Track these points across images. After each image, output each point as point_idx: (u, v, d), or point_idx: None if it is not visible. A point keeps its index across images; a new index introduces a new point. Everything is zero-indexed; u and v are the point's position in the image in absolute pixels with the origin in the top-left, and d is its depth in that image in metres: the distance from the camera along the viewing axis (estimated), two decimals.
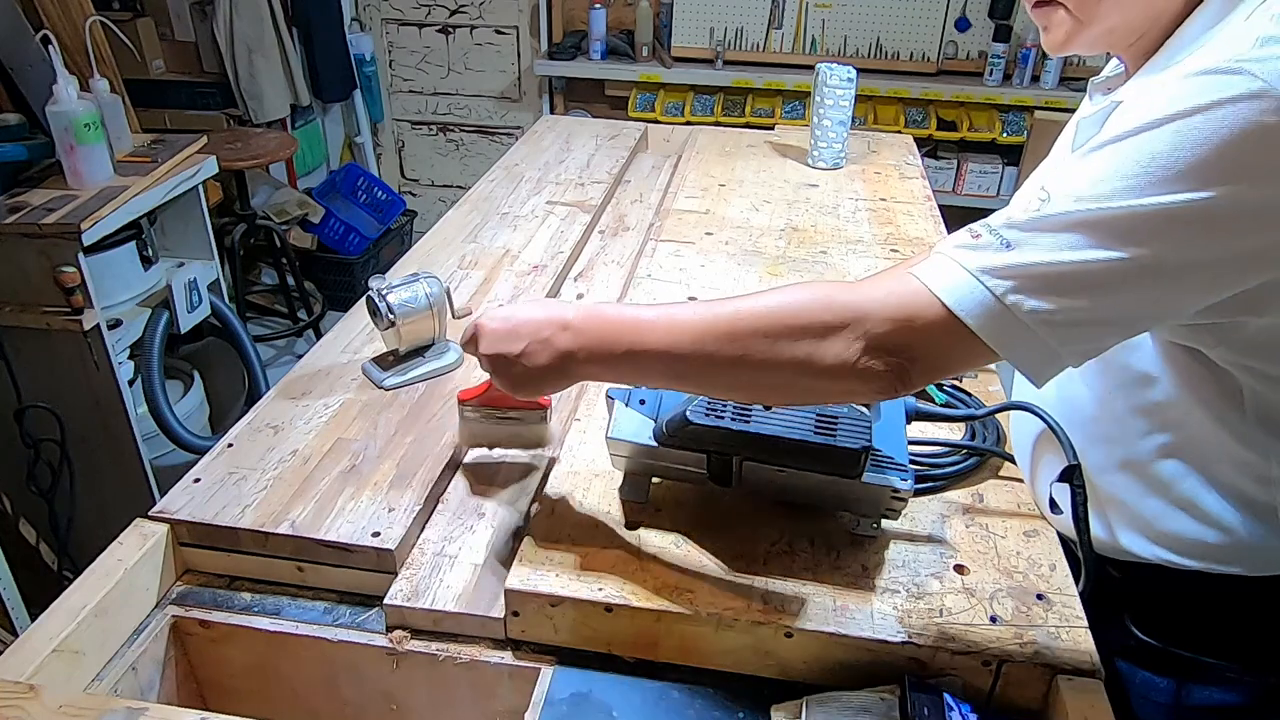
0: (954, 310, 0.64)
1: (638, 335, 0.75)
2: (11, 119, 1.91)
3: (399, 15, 3.89)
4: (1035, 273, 0.62)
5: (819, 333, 0.68)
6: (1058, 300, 0.62)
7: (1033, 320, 0.62)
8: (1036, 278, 0.62)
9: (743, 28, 3.46)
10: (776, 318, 0.70)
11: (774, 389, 0.74)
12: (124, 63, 2.52)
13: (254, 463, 1.02)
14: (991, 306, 0.63)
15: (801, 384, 0.70)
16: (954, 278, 0.65)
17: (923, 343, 0.66)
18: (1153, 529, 0.85)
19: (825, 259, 1.50)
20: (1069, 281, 0.62)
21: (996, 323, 0.63)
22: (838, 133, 1.88)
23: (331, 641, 0.88)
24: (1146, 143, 0.60)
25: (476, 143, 4.11)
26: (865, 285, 0.70)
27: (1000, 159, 3.44)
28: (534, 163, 1.98)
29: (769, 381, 0.72)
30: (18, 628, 1.69)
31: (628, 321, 0.76)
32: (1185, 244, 0.60)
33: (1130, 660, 0.89)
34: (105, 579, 0.86)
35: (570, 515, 0.92)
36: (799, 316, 0.69)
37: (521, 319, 0.81)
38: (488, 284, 1.45)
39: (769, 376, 0.71)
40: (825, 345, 0.67)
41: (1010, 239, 0.64)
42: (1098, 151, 0.63)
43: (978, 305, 0.63)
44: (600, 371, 0.79)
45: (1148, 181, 0.59)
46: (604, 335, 0.77)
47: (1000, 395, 1.15)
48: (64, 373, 1.86)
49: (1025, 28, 3.29)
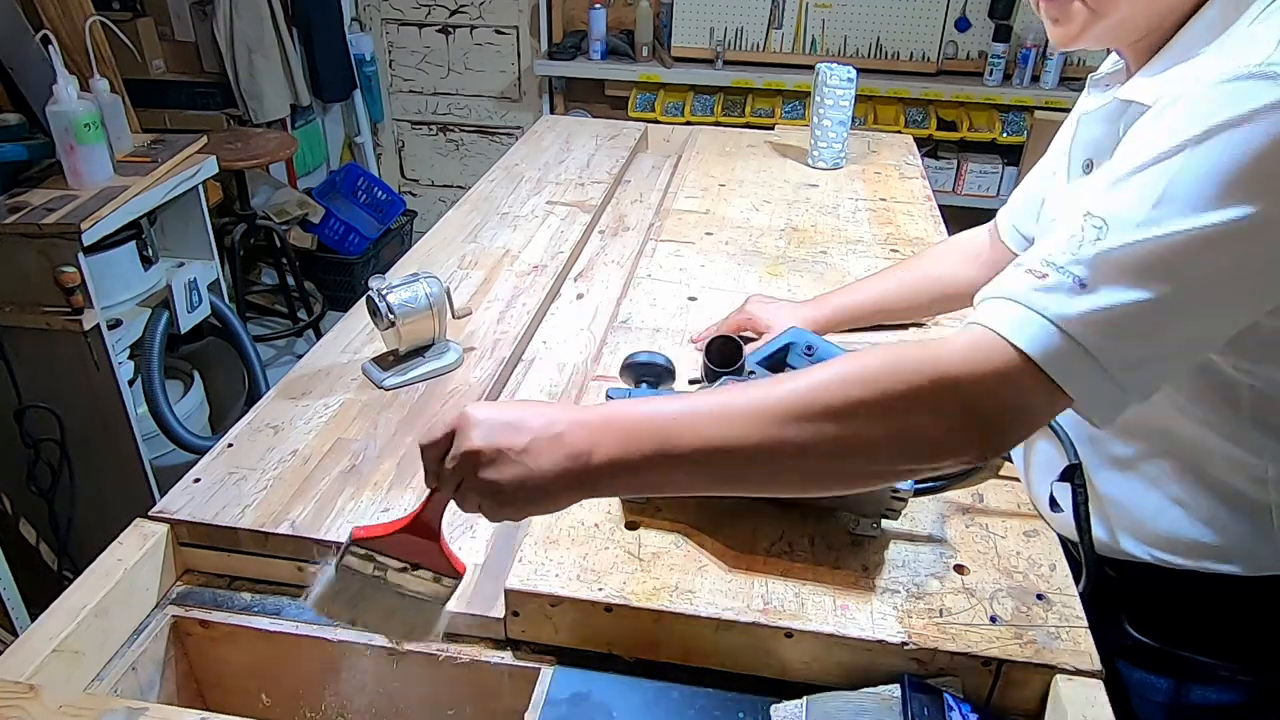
0: (1042, 365, 0.60)
1: (673, 429, 0.64)
2: (11, 119, 1.91)
3: (399, 15, 3.89)
4: (1114, 315, 0.59)
5: (903, 405, 0.62)
6: (1137, 342, 0.60)
7: (1112, 365, 0.60)
8: (1116, 321, 0.60)
9: (743, 28, 3.46)
10: (851, 392, 0.62)
11: (851, 475, 0.66)
12: (124, 63, 2.52)
13: (254, 463, 1.02)
14: (1076, 357, 0.60)
15: (883, 466, 0.64)
16: (1036, 329, 0.61)
17: (1013, 400, 0.62)
18: (1146, 529, 0.84)
19: (825, 259, 1.50)
20: (1147, 320, 0.60)
21: (1080, 372, 0.60)
22: (838, 133, 1.88)
23: (331, 641, 0.88)
24: (1195, 159, 0.58)
25: (476, 143, 4.11)
26: (936, 346, 0.64)
27: (1000, 159, 3.44)
28: (534, 163, 1.98)
29: (845, 468, 0.65)
30: (18, 628, 1.69)
31: (658, 415, 0.65)
32: (1248, 258, 0.59)
33: (1129, 660, 0.89)
34: (105, 579, 0.86)
35: (570, 515, 0.92)
36: (874, 387, 0.62)
37: (525, 410, 0.68)
38: (488, 284, 1.45)
39: (845, 462, 0.64)
40: (911, 418, 0.62)
41: (1082, 277, 0.60)
42: (1146, 171, 0.60)
43: (1063, 358, 0.60)
44: (626, 477, 0.66)
45: (1204, 200, 0.58)
46: (631, 430, 0.65)
47: None
48: (64, 373, 1.86)
49: (1025, 28, 3.29)
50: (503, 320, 1.34)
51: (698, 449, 0.64)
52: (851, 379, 0.63)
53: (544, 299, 1.41)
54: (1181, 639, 0.86)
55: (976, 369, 0.61)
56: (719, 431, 0.64)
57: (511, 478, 0.66)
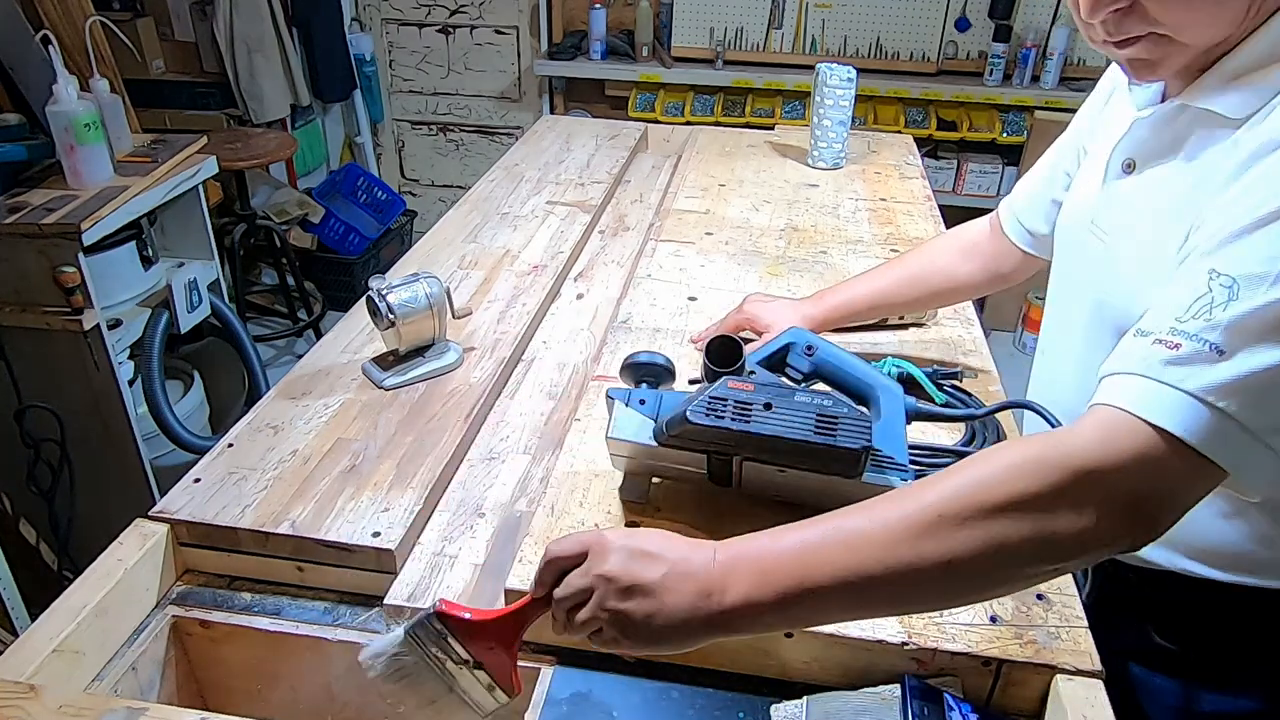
0: (1190, 443, 0.57)
1: (808, 562, 0.61)
2: (11, 119, 1.91)
3: (399, 15, 3.89)
4: (1262, 381, 0.57)
5: (1043, 503, 0.58)
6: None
7: (1264, 431, 0.57)
8: (1264, 386, 0.57)
9: (743, 28, 3.46)
10: (985, 498, 0.59)
11: (1000, 582, 0.63)
12: (124, 63, 2.52)
13: (254, 463, 1.02)
14: (1226, 429, 0.57)
15: (1032, 569, 0.61)
16: (1175, 405, 0.57)
17: (1161, 484, 0.58)
18: (1183, 540, 0.82)
19: (825, 259, 1.50)
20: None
21: (1232, 444, 0.57)
22: (838, 133, 1.88)
23: (331, 641, 0.88)
24: None
25: (476, 143, 4.11)
26: (1064, 436, 0.60)
27: (1000, 159, 3.44)
28: (534, 163, 1.98)
29: (992, 577, 0.62)
30: (18, 628, 1.69)
31: (790, 550, 0.62)
32: None
33: (1143, 664, 0.89)
34: (105, 579, 0.86)
35: (570, 515, 0.92)
36: (1012, 488, 0.58)
37: (663, 542, 0.65)
38: (488, 284, 1.45)
39: (991, 572, 0.61)
40: (1055, 517, 0.58)
41: (1218, 343, 0.57)
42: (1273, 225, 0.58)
43: (1212, 432, 0.57)
44: (762, 616, 0.62)
45: None
46: (763, 566, 0.62)
47: (1000, 395, 1.15)
48: (64, 373, 1.86)
49: (1025, 28, 3.29)
50: (503, 320, 1.34)
51: (836, 581, 0.60)
52: (984, 483, 0.59)
53: (544, 299, 1.41)
54: (1201, 645, 0.86)
55: (1116, 456, 0.58)
56: (854, 560, 0.60)
57: (642, 611, 0.63)
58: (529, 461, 1.08)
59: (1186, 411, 0.57)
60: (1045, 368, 0.99)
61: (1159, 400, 0.58)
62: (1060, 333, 0.95)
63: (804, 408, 0.83)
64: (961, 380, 1.16)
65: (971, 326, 1.31)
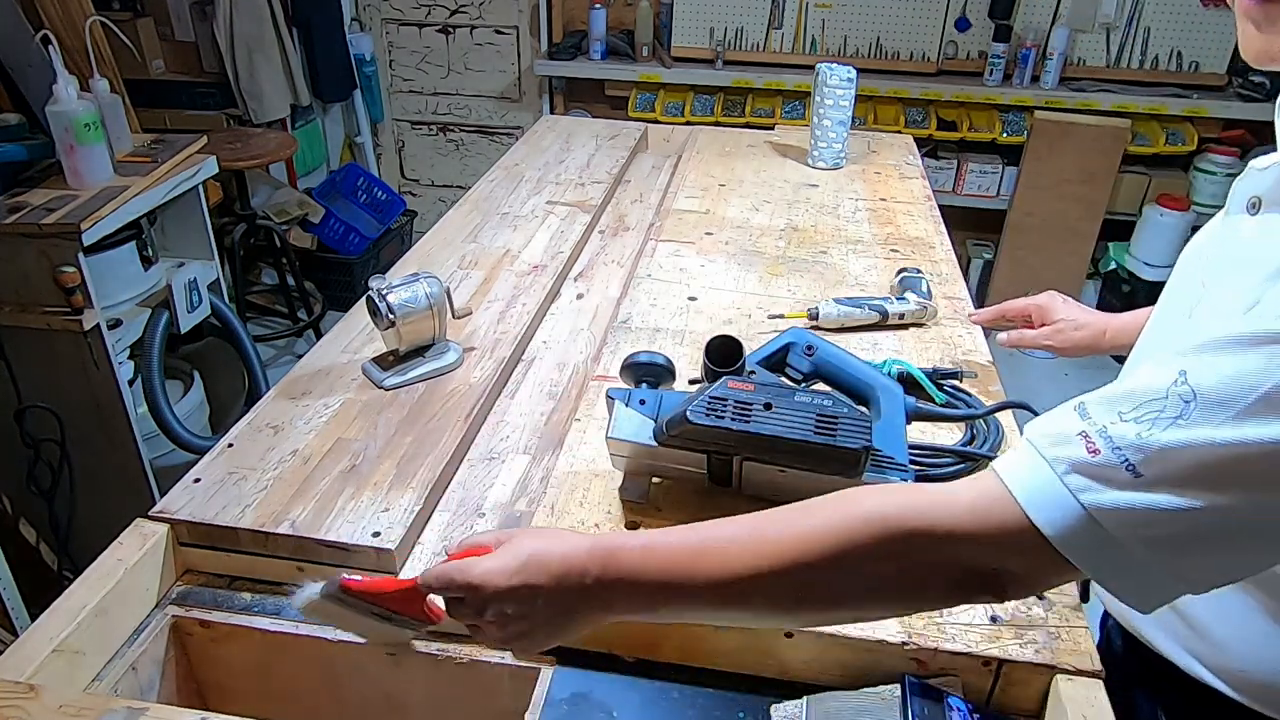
0: (1059, 548, 0.53)
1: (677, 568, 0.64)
2: (11, 119, 1.91)
3: (399, 15, 3.89)
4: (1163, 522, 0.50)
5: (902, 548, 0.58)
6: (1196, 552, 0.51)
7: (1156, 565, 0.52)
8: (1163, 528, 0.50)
9: (743, 28, 3.46)
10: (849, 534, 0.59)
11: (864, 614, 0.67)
12: (124, 63, 2.52)
13: (254, 463, 1.02)
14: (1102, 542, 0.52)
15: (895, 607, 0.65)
16: (1060, 507, 0.53)
17: (1018, 569, 0.57)
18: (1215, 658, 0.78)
19: (825, 259, 1.50)
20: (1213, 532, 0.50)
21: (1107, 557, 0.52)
22: (838, 133, 1.88)
23: (331, 641, 0.88)
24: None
25: (476, 143, 4.11)
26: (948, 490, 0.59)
27: (1000, 159, 3.44)
28: (534, 163, 1.98)
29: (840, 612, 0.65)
30: (18, 628, 1.69)
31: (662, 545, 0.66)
32: None
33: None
34: (105, 579, 0.86)
35: (570, 515, 0.92)
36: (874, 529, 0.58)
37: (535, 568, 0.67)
38: (488, 284, 1.45)
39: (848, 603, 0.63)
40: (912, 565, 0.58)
41: (1138, 466, 0.50)
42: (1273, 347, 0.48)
43: (1087, 543, 0.52)
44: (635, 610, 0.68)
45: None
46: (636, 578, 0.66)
47: (1000, 395, 1.15)
48: (64, 373, 1.86)
49: (1025, 28, 3.29)
50: (503, 320, 1.34)
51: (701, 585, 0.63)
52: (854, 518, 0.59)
53: (544, 299, 1.41)
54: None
55: (979, 527, 0.56)
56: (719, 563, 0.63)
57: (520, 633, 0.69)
58: (529, 461, 1.08)
59: (1070, 518, 0.52)
60: None
61: (1046, 496, 0.53)
62: None
63: (804, 408, 0.83)
64: (961, 380, 1.16)
65: (971, 326, 1.31)
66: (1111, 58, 3.31)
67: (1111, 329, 1.14)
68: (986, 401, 1.12)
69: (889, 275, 1.41)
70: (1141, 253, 3.32)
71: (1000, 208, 3.41)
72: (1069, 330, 1.16)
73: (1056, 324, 1.17)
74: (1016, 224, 3.29)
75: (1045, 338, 1.18)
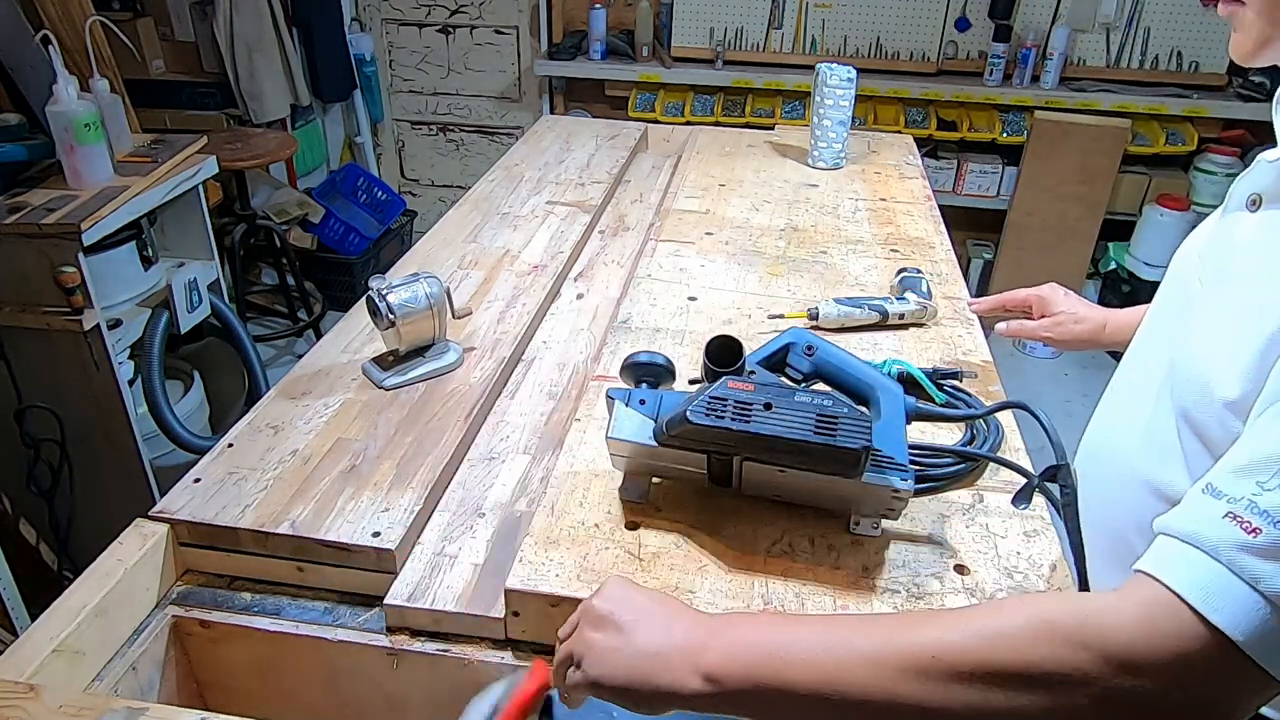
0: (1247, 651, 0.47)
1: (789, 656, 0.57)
2: (11, 119, 1.90)
3: (399, 15, 3.89)
4: None
5: (1057, 680, 0.50)
6: None
7: None
8: None
9: (743, 28, 3.46)
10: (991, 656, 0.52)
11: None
12: (124, 63, 2.51)
13: (254, 463, 1.02)
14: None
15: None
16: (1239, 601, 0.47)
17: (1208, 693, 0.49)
18: None
19: (825, 259, 1.50)
20: None
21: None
22: (838, 133, 1.88)
23: (331, 641, 0.88)
24: None
25: (476, 143, 4.11)
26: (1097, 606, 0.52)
27: (1000, 159, 3.44)
28: (534, 163, 1.98)
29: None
30: (18, 628, 1.69)
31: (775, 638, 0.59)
32: None
33: None
34: (105, 579, 0.86)
35: (570, 515, 0.92)
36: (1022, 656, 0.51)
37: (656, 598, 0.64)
38: (488, 284, 1.45)
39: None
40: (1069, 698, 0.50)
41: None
42: None
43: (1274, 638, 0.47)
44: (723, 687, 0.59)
45: None
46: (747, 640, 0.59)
47: (1000, 395, 1.15)
48: (64, 373, 1.86)
49: (1025, 28, 3.29)
50: (503, 320, 1.34)
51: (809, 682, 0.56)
52: (993, 638, 0.52)
53: (544, 299, 1.41)
54: None
55: (1158, 650, 0.48)
56: (834, 670, 0.55)
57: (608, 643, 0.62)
58: (529, 461, 1.08)
59: (1252, 612, 0.47)
60: (1109, 412, 0.86)
61: (1223, 592, 0.47)
62: (1134, 380, 0.83)
63: (804, 408, 0.83)
64: (961, 380, 1.16)
65: (971, 326, 1.31)
66: (1111, 58, 3.31)
67: (1111, 323, 1.13)
68: (986, 401, 1.12)
69: (889, 275, 1.41)
70: (1141, 253, 3.32)
71: (1000, 208, 3.41)
72: (1069, 323, 1.16)
73: (1056, 316, 1.17)
74: (1016, 224, 3.29)
75: (1045, 329, 1.18)
